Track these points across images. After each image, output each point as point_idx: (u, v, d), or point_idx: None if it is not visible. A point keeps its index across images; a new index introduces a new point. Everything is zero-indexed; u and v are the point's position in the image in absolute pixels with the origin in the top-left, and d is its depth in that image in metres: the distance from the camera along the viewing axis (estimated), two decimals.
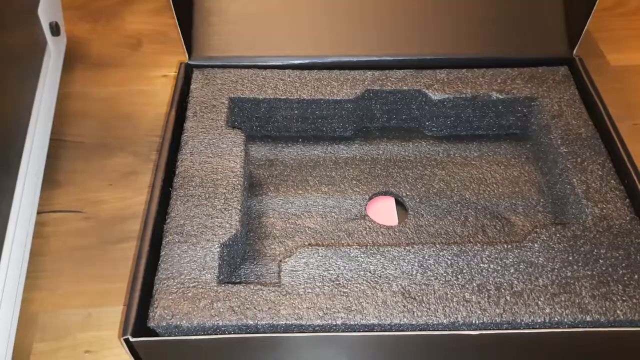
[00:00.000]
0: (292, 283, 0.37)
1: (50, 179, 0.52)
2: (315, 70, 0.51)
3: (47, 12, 0.54)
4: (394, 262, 0.38)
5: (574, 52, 0.52)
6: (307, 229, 0.45)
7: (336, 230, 0.45)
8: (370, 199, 0.47)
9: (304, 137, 0.51)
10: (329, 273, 0.37)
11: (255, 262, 0.43)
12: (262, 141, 0.51)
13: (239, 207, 0.41)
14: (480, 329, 0.35)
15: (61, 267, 0.47)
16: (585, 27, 0.50)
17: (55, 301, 0.45)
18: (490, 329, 0.35)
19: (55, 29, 0.55)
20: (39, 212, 0.49)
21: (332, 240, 0.44)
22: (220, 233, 0.40)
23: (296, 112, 0.49)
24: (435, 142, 0.51)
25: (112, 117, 0.58)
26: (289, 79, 0.50)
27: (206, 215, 0.41)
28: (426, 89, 0.49)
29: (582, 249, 0.39)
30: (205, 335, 0.35)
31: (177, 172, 0.44)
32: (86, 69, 0.62)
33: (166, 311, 0.36)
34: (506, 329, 0.36)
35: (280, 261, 0.39)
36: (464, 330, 0.35)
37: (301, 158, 0.50)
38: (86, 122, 0.57)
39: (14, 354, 0.41)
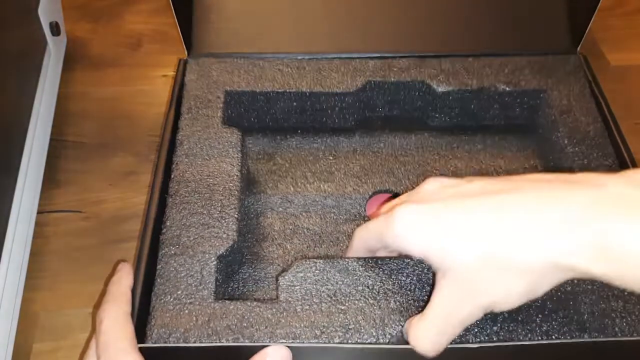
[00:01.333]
0: (290, 299, 0.36)
1: (50, 179, 0.52)
2: (315, 60, 0.49)
3: (47, 12, 0.54)
4: (392, 277, 0.37)
5: (577, 50, 0.52)
6: (305, 230, 0.44)
7: (335, 232, 0.44)
8: (370, 197, 0.47)
9: (302, 129, 0.50)
10: (327, 288, 0.36)
11: (253, 266, 0.42)
12: (260, 133, 0.50)
13: (236, 215, 0.40)
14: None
15: (61, 267, 0.47)
16: (589, 26, 0.50)
17: (55, 301, 0.45)
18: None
19: (55, 29, 0.54)
20: (39, 212, 0.49)
21: (332, 243, 0.44)
22: (217, 244, 0.39)
23: (295, 104, 0.48)
24: (438, 134, 0.50)
25: (112, 117, 0.58)
26: (287, 70, 0.49)
27: (202, 225, 0.39)
28: (430, 79, 0.48)
29: None
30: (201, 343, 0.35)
31: (172, 177, 0.42)
32: (86, 69, 0.62)
33: (163, 329, 0.35)
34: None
35: (279, 275, 0.37)
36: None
37: (300, 152, 0.49)
38: (86, 122, 0.57)
39: (14, 354, 0.41)
